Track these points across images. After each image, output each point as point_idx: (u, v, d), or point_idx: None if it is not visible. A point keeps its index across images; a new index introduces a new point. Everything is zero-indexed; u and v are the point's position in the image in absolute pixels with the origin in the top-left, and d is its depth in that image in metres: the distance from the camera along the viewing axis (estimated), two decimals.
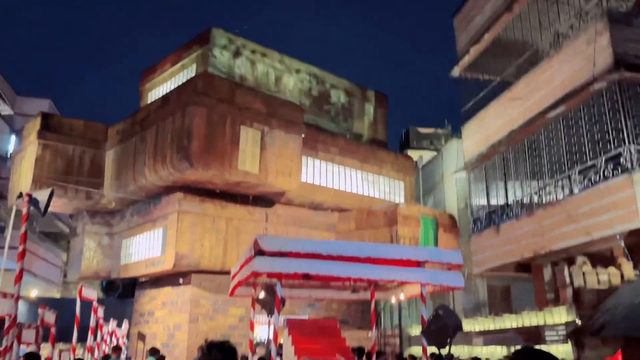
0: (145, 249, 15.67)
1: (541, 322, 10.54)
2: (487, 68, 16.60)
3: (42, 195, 8.17)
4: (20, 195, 8.12)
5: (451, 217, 18.16)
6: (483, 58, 16.71)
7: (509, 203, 14.47)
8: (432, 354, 12.89)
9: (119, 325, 14.84)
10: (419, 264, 8.47)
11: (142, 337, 16.05)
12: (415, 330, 16.83)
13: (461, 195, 18.41)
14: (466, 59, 17.07)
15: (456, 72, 17.78)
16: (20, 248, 7.52)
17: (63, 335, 10.38)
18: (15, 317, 7.14)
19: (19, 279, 7.34)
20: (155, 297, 16.44)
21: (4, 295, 6.89)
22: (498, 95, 15.32)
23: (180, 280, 15.28)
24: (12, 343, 7.22)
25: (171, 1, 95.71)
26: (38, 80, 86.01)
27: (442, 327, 6.85)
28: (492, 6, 15.97)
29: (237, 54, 17.29)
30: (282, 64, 18.50)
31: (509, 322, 11.74)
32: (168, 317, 15.59)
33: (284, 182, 15.29)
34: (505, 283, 17.97)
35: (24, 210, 7.84)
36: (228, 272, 14.71)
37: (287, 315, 11.82)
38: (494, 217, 15.09)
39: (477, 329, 12.66)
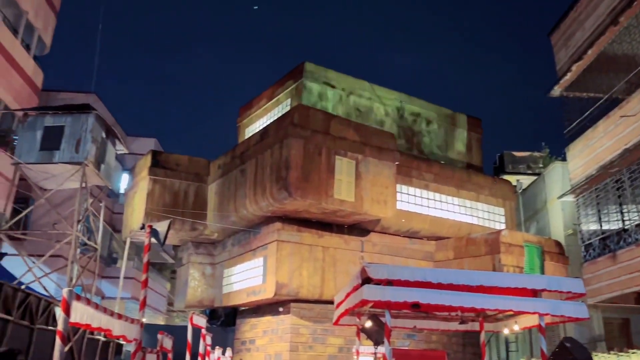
0: (245, 277, 16.13)
1: None
2: (592, 85, 15.74)
3: (161, 227, 8.70)
4: (143, 227, 8.68)
5: (558, 244, 17.08)
6: (586, 75, 15.88)
7: (627, 227, 13.39)
8: None
9: (223, 353, 15.29)
10: (535, 292, 8.01)
11: None
12: None
13: (568, 220, 17.32)
14: (567, 77, 16.31)
15: (556, 91, 17.03)
16: (144, 277, 8.01)
17: None
18: (141, 342, 7.58)
19: (143, 305, 7.80)
20: (255, 325, 16.78)
21: (132, 320, 7.34)
22: (605, 113, 14.42)
23: (280, 309, 15.51)
24: None
25: (265, 39, 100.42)
26: (144, 121, 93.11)
27: None
28: (594, 20, 15.21)
29: (329, 85, 17.69)
30: (372, 93, 18.66)
31: (636, 357, 10.70)
32: (269, 346, 15.82)
33: (379, 209, 15.21)
34: (623, 315, 16.49)
35: (146, 241, 8.35)
36: (326, 302, 14.82)
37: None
38: (609, 243, 14.01)
39: None
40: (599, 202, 14.63)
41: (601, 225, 14.45)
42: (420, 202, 16.85)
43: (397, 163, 15.91)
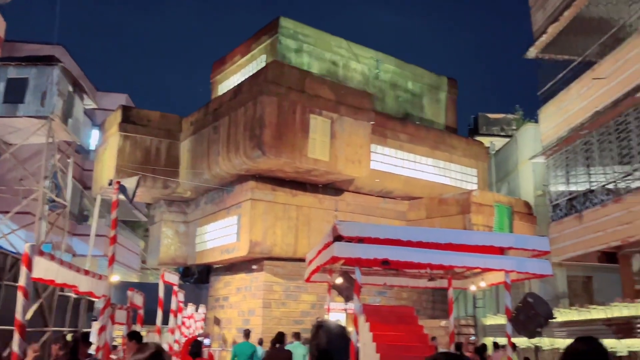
0: (219, 236, 16.12)
1: (632, 314, 9.93)
2: (567, 48, 15.72)
3: (130, 183, 8.52)
4: (111, 183, 8.49)
5: (527, 204, 17.45)
6: (562, 37, 15.83)
7: (593, 189, 13.70)
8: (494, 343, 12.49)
9: (196, 309, 15.42)
10: (502, 250, 8.18)
11: (217, 321, 16.59)
12: (491, 320, 16.37)
13: (538, 181, 17.63)
14: (543, 39, 16.23)
15: (532, 53, 16.95)
16: (112, 233, 7.88)
17: (146, 318, 10.85)
18: (110, 298, 7.52)
19: (112, 261, 7.70)
20: (229, 283, 16.91)
21: (100, 277, 7.27)
22: (579, 75, 14.47)
23: (254, 267, 15.63)
24: (107, 322, 7.61)
25: None
26: (114, 76, 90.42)
27: (532, 316, 6.57)
28: None
29: (304, 42, 17.33)
30: (349, 51, 18.37)
31: (596, 314, 11.15)
32: (242, 303, 16.00)
33: (354, 169, 15.23)
34: (586, 273, 17.09)
35: (114, 198, 8.18)
36: (299, 259, 14.95)
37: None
38: (576, 203, 14.34)
39: (559, 321, 12.12)
40: (568, 163, 14.89)
41: (569, 187, 14.76)
42: (395, 162, 16.91)
43: (372, 123, 15.85)
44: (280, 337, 9.18)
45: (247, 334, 10.93)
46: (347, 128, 15.22)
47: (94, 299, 15.02)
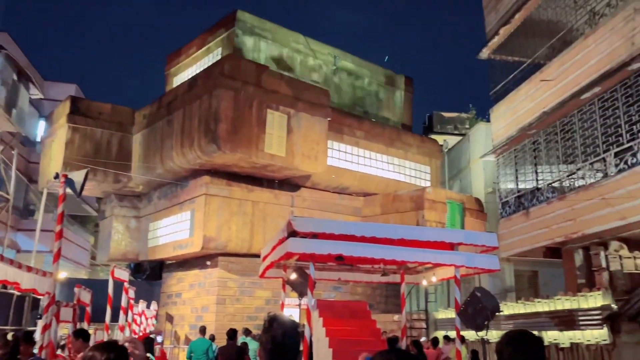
0: (172, 231, 15.82)
1: (575, 307, 10.38)
2: (517, 49, 16.24)
3: (77, 177, 8.22)
4: (57, 176, 8.17)
5: (478, 201, 17.95)
6: (513, 39, 16.34)
7: (540, 187, 14.23)
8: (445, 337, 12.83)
9: (148, 306, 15.09)
10: (453, 246, 8.37)
11: (170, 318, 16.29)
12: (442, 314, 16.77)
13: (488, 179, 18.17)
14: (495, 40, 16.71)
15: (484, 54, 17.44)
16: (58, 228, 7.59)
17: (95, 315, 10.55)
18: (55, 295, 7.26)
19: (57, 257, 7.42)
20: (182, 279, 16.63)
21: (44, 273, 7.00)
22: (529, 77, 14.98)
23: (208, 263, 15.41)
24: (52, 321, 7.34)
25: None
26: (64, 66, 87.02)
27: (480, 310, 6.76)
28: None
29: (262, 36, 17.19)
30: (307, 47, 18.34)
31: (541, 307, 11.59)
32: (196, 299, 15.77)
33: (310, 165, 15.23)
34: (532, 268, 17.76)
35: (60, 191, 7.89)
36: (254, 255, 14.83)
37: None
38: (524, 201, 14.86)
39: (506, 314, 12.54)
40: (517, 162, 15.40)
41: (517, 184, 15.27)
42: (351, 158, 17.04)
43: (329, 119, 15.90)
44: (232, 333, 9.27)
45: (202, 330, 10.83)
46: (304, 124, 15.20)
47: (39, 298, 14.48)
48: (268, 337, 2.09)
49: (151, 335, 11.34)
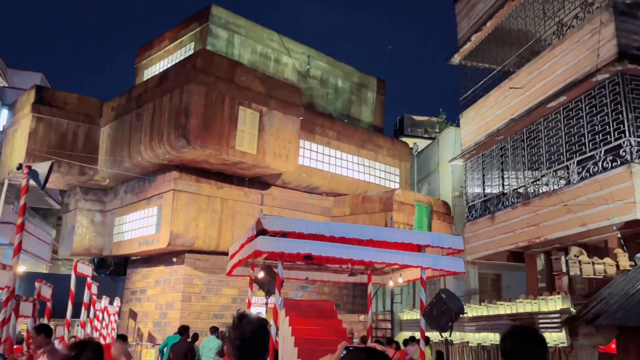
0: (138, 227, 15.54)
1: (535, 310, 10.66)
2: (488, 56, 16.58)
3: (42, 168, 8.01)
4: (20, 167, 7.95)
5: (445, 204, 18.23)
6: (484, 46, 16.68)
7: (505, 192, 14.55)
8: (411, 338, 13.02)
9: (111, 302, 14.79)
10: (420, 248, 8.50)
11: (133, 314, 16.02)
12: (407, 315, 16.97)
13: (456, 183, 18.48)
14: (467, 47, 17.03)
15: (456, 59, 17.75)
16: (20, 220, 7.39)
17: (55, 311, 10.28)
18: (14, 289, 7.05)
19: (18, 250, 7.22)
20: (147, 275, 16.37)
21: (4, 267, 6.78)
22: (498, 84, 15.32)
23: (174, 260, 15.21)
24: (10, 315, 7.13)
25: None
26: (29, 53, 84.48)
27: (445, 311, 6.87)
28: None
29: (236, 32, 17.05)
30: (281, 45, 18.29)
31: (503, 309, 11.86)
32: (160, 296, 15.54)
33: (281, 164, 15.20)
34: (496, 271, 18.17)
35: (23, 183, 7.67)
36: (222, 253, 14.74)
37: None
38: (490, 205, 15.18)
39: (469, 316, 12.78)
40: (484, 167, 15.72)
41: (484, 189, 15.59)
42: (322, 158, 17.07)
43: (301, 118, 15.89)
44: (183, 330, 10.49)
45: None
46: (276, 122, 15.16)
47: None
48: (237, 334, 2.10)
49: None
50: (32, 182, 7.89)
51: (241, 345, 2.08)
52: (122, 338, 8.03)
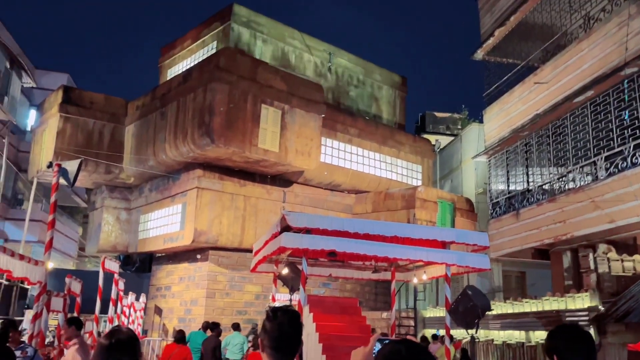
0: (163, 224, 15.76)
1: (562, 307, 10.50)
2: (512, 51, 16.35)
3: (71, 166, 8.19)
4: (50, 165, 8.14)
5: (469, 201, 18.07)
6: (507, 41, 16.45)
7: (530, 188, 14.36)
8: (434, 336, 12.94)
9: (137, 299, 15.04)
10: (444, 244, 8.44)
11: (158, 311, 16.25)
12: (431, 313, 16.88)
13: (479, 180, 18.30)
14: (490, 42, 16.82)
15: (479, 55, 17.54)
16: (50, 217, 7.58)
17: (83, 307, 10.51)
18: (46, 284, 7.23)
19: (49, 247, 7.40)
20: (172, 272, 16.59)
21: (36, 262, 6.96)
22: (522, 79, 15.10)
23: (198, 256, 15.38)
24: (42, 310, 7.32)
25: None
26: (56, 54, 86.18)
27: (471, 308, 6.82)
28: None
29: (257, 31, 17.15)
30: (302, 43, 18.33)
31: (528, 307, 11.71)
32: (185, 292, 15.74)
33: (303, 161, 15.25)
34: (520, 269, 17.93)
35: (54, 181, 7.86)
36: (245, 250, 14.85)
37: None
38: (514, 202, 14.99)
39: (494, 313, 12.65)
40: (508, 163, 15.52)
41: (508, 186, 15.40)
42: (344, 155, 17.07)
43: (323, 116, 15.91)
44: (213, 326, 10.88)
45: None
46: (298, 120, 15.20)
47: (27, 287, 14.36)
48: (275, 325, 2.13)
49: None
50: (61, 180, 8.06)
51: (279, 335, 2.11)
52: (73, 322, 6.20)
